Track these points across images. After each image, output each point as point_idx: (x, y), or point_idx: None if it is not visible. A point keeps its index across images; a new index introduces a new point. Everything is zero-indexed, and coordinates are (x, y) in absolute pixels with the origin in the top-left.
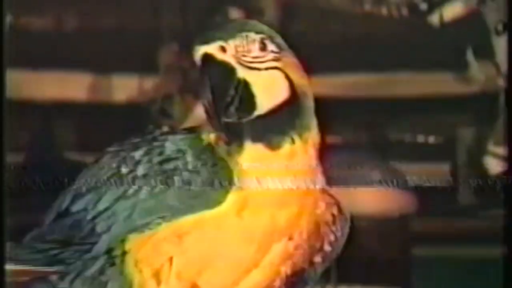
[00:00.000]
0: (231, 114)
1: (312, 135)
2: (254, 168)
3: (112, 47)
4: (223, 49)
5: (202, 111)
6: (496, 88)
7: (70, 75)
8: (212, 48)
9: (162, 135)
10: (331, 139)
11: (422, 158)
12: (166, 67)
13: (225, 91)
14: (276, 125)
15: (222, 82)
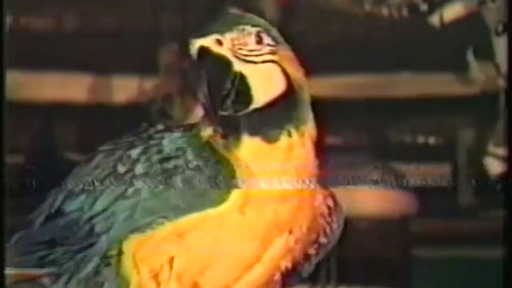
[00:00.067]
0: (228, 107)
1: (309, 128)
2: (255, 164)
3: (112, 47)
4: (219, 42)
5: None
6: (496, 88)
7: (70, 75)
8: (208, 41)
9: (157, 133)
10: (331, 140)
11: (422, 158)
12: (166, 68)
13: (221, 84)
14: (272, 118)
15: (218, 75)
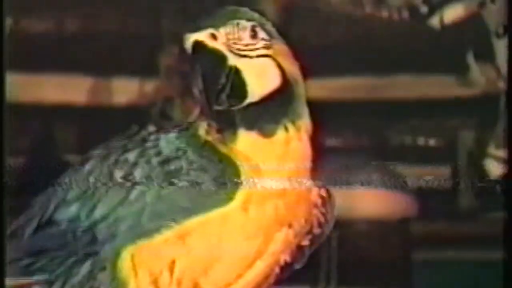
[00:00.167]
0: (222, 102)
1: (305, 123)
2: (252, 158)
3: (113, 50)
4: (213, 37)
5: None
6: (496, 91)
7: (70, 78)
8: (202, 36)
9: (150, 134)
10: (331, 142)
11: (422, 160)
12: (166, 70)
13: (216, 79)
14: (268, 113)
15: (213, 70)
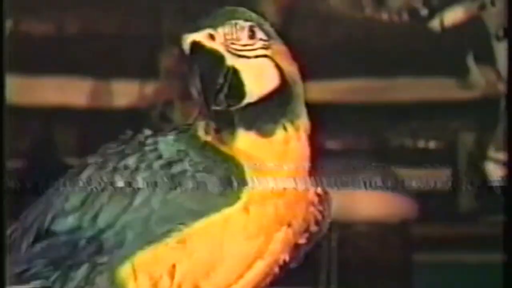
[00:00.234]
0: (221, 102)
1: (303, 122)
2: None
3: (112, 52)
4: (211, 37)
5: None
6: (496, 93)
7: (70, 80)
8: (200, 36)
9: (147, 138)
10: (331, 144)
11: (422, 163)
12: (166, 72)
13: (214, 79)
14: (267, 113)
15: (211, 70)
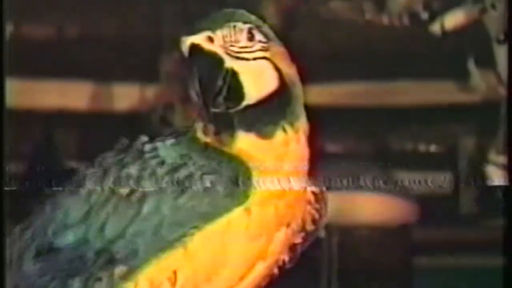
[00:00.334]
0: (220, 104)
1: (302, 124)
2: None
3: (113, 55)
4: (210, 39)
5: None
6: (497, 97)
7: (70, 83)
8: (199, 39)
9: (145, 145)
10: (332, 147)
11: (423, 167)
12: (167, 76)
13: (213, 82)
14: (266, 115)
15: (210, 73)
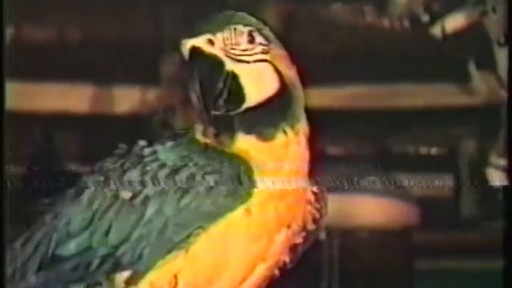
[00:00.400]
0: (220, 107)
1: (303, 126)
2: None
3: (114, 58)
4: (211, 42)
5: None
6: (498, 99)
7: (71, 86)
8: (200, 41)
9: (144, 149)
10: (333, 150)
11: (424, 169)
12: (167, 79)
13: (213, 84)
14: (267, 117)
15: (210, 75)
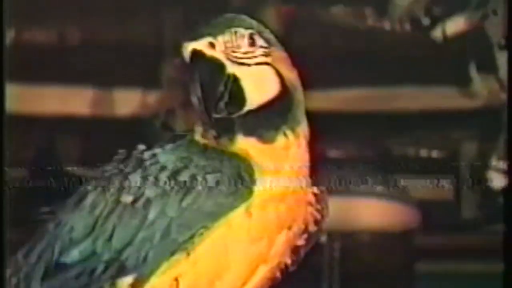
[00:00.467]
0: (221, 110)
1: (303, 129)
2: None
3: (115, 61)
4: (212, 45)
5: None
6: (499, 102)
7: (72, 89)
8: (201, 45)
9: (143, 153)
10: (334, 153)
11: (425, 172)
12: (169, 81)
13: (214, 87)
14: (268, 120)
15: (211, 78)
